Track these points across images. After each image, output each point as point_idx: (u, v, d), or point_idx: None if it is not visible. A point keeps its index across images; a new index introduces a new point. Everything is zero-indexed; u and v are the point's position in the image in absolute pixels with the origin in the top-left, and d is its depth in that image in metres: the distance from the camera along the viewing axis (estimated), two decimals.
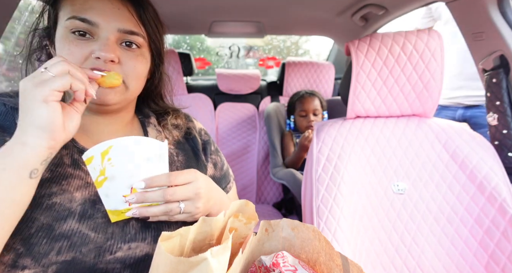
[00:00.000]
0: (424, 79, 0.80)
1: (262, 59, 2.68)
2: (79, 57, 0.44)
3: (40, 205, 0.40)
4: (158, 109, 0.61)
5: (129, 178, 0.41)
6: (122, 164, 0.40)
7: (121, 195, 0.41)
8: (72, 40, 0.44)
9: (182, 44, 2.98)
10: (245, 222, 0.39)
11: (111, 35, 0.45)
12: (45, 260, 0.38)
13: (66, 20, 0.44)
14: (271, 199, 1.72)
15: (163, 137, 0.57)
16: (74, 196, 0.42)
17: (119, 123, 0.53)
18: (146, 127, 0.58)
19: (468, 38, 0.92)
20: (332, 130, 0.84)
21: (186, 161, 0.57)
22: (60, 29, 0.45)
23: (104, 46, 0.44)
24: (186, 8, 1.30)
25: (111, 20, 0.45)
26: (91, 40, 0.45)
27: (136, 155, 0.40)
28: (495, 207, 0.73)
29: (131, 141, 0.39)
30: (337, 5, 1.27)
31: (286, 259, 0.38)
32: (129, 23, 0.46)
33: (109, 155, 0.39)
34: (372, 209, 0.78)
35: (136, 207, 0.42)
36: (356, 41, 0.82)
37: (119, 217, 0.42)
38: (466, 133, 0.83)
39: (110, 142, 0.38)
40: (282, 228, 0.41)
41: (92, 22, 0.44)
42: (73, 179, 0.43)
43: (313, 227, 0.39)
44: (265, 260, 0.38)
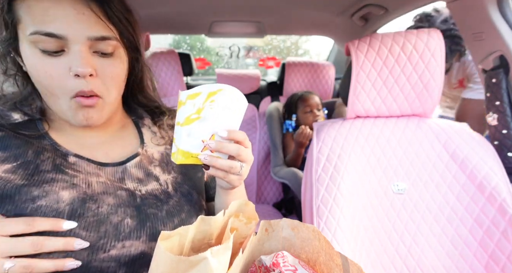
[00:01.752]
0: (424, 79, 0.80)
1: (262, 59, 2.69)
2: (58, 79, 0.41)
3: (23, 210, 0.38)
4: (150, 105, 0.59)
5: (218, 124, 0.43)
6: (219, 109, 0.42)
7: (201, 138, 0.43)
8: (43, 58, 0.40)
9: (182, 44, 2.99)
10: (246, 222, 0.39)
11: (82, 45, 0.41)
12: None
13: (29, 35, 0.39)
14: (271, 199, 1.72)
15: (158, 138, 0.57)
16: (60, 196, 0.41)
17: (105, 125, 0.52)
18: (140, 128, 0.57)
19: (468, 38, 0.92)
20: (332, 130, 0.84)
21: None
22: (25, 43, 0.41)
23: (79, 60, 0.40)
24: (186, 8, 1.30)
25: (79, 28, 0.40)
26: (63, 54, 0.41)
27: (232, 105, 0.42)
28: (495, 207, 0.73)
29: (235, 91, 0.42)
30: (337, 5, 1.27)
31: (286, 259, 0.38)
32: (98, 27, 0.42)
33: (214, 97, 0.41)
34: (372, 209, 0.78)
35: (208, 154, 0.43)
36: (356, 41, 0.83)
37: (187, 160, 0.43)
38: (466, 133, 0.83)
39: (221, 85, 0.41)
40: (282, 228, 0.41)
41: (58, 35, 0.39)
42: (56, 182, 0.42)
43: (313, 227, 0.39)
44: (265, 260, 0.38)
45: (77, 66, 0.40)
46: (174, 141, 0.43)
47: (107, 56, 0.44)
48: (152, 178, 0.51)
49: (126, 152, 0.52)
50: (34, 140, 0.44)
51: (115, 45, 0.44)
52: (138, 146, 0.54)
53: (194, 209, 0.52)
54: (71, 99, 0.42)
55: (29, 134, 0.44)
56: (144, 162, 0.52)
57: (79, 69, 0.40)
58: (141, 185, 0.49)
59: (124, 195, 0.46)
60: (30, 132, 0.45)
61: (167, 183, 0.52)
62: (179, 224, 0.48)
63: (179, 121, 0.42)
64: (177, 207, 0.50)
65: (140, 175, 0.50)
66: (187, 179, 0.56)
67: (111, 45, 0.44)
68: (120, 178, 0.48)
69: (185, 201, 0.52)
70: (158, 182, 0.51)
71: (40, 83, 0.42)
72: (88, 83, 0.42)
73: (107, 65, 0.44)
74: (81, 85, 0.41)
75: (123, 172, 0.49)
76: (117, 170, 0.48)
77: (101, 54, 0.44)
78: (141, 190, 0.48)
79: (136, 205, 0.46)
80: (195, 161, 0.44)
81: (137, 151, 0.52)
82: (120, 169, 0.49)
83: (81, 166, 0.45)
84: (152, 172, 0.51)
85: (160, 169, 0.53)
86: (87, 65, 0.41)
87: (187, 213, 0.50)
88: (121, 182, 0.48)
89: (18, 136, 0.44)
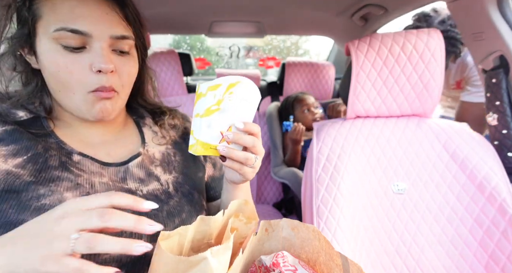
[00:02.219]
0: (424, 79, 0.80)
1: (262, 59, 2.69)
2: (79, 74, 0.42)
3: (28, 208, 0.39)
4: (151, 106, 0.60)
5: (236, 115, 0.43)
6: (237, 101, 0.43)
7: (219, 130, 0.43)
8: (64, 54, 0.41)
9: (182, 44, 2.99)
10: (246, 221, 0.39)
11: (104, 43, 0.43)
12: None
13: (53, 31, 0.40)
14: (271, 199, 1.72)
15: (159, 138, 0.57)
16: (64, 197, 0.41)
17: (110, 124, 0.52)
18: (141, 127, 0.57)
19: (468, 38, 0.92)
20: (332, 130, 0.84)
21: (183, 161, 0.57)
22: (45, 40, 0.42)
23: (102, 57, 0.42)
24: (186, 8, 1.30)
25: (102, 27, 0.43)
26: (84, 50, 0.43)
27: (249, 97, 0.43)
28: (495, 207, 0.73)
29: (252, 84, 0.43)
30: (337, 5, 1.27)
31: (286, 259, 0.38)
32: (120, 27, 0.45)
33: (233, 88, 0.42)
34: (372, 209, 0.78)
35: (225, 146, 0.44)
36: (356, 41, 0.83)
37: (206, 151, 0.44)
38: (466, 133, 0.83)
39: (239, 77, 0.42)
40: (282, 228, 0.42)
41: (84, 32, 0.41)
42: (61, 181, 0.42)
43: (313, 227, 0.39)
44: (265, 260, 0.38)
45: (100, 63, 0.42)
46: (192, 133, 0.44)
47: (124, 55, 0.47)
48: (153, 178, 0.51)
49: (128, 152, 0.52)
50: (40, 138, 0.45)
51: (131, 45, 0.47)
52: (140, 146, 0.54)
53: (194, 210, 0.52)
54: (88, 93, 0.43)
55: (35, 132, 0.45)
56: (145, 162, 0.52)
57: (102, 65, 0.42)
58: (142, 185, 0.49)
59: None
60: (36, 130, 0.45)
61: (168, 183, 0.52)
62: (179, 224, 0.48)
63: (198, 113, 0.43)
64: (177, 207, 0.50)
65: (141, 175, 0.50)
66: (188, 179, 0.55)
67: (128, 45, 0.46)
68: (122, 177, 0.48)
69: (186, 201, 0.52)
70: (159, 182, 0.51)
71: (57, 78, 0.42)
72: (108, 79, 0.44)
73: (124, 63, 0.46)
74: (102, 81, 0.43)
75: (125, 172, 0.49)
76: (119, 170, 0.49)
77: (119, 52, 0.46)
78: (142, 190, 0.49)
79: None
80: (214, 152, 0.44)
81: (138, 151, 0.53)
82: (122, 169, 0.49)
83: (85, 165, 0.46)
84: (153, 172, 0.52)
85: (161, 169, 0.53)
86: (110, 62, 0.43)
87: (187, 213, 0.50)
88: (123, 182, 0.48)
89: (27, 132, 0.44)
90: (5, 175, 0.39)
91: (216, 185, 0.63)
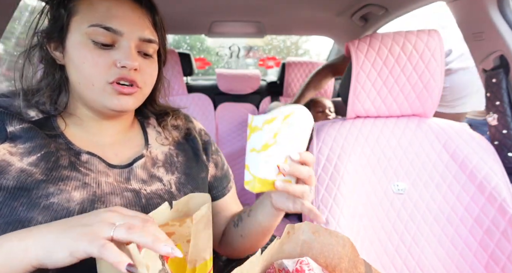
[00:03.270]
0: (424, 79, 0.80)
1: (262, 59, 2.69)
2: (103, 67, 0.44)
3: (37, 206, 0.39)
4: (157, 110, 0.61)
5: (291, 146, 0.42)
6: (293, 132, 0.41)
7: (276, 163, 0.42)
8: (93, 49, 0.44)
9: (182, 44, 2.99)
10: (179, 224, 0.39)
11: (132, 43, 0.45)
12: None
13: (88, 26, 0.43)
14: None
15: (163, 138, 0.57)
16: (72, 196, 0.42)
17: (121, 125, 0.53)
18: (145, 128, 0.58)
19: (468, 38, 0.92)
20: (332, 130, 0.84)
21: (186, 161, 0.57)
22: (77, 34, 0.44)
23: (129, 55, 0.44)
24: (186, 8, 1.30)
25: (134, 29, 0.46)
26: (112, 48, 0.45)
27: (304, 125, 0.42)
28: (495, 207, 0.73)
29: (306, 112, 0.42)
30: (337, 5, 1.27)
31: (311, 266, 0.38)
32: (148, 31, 0.48)
33: (289, 119, 0.41)
34: (372, 209, 0.78)
35: (281, 180, 0.42)
36: (356, 41, 0.83)
37: (264, 187, 0.42)
38: (466, 133, 0.83)
39: (293, 107, 0.41)
40: (302, 231, 0.41)
41: (116, 31, 0.44)
42: (70, 180, 0.43)
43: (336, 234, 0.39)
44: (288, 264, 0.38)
45: (126, 59, 0.44)
46: (248, 169, 0.42)
47: (148, 58, 0.49)
48: (156, 179, 0.51)
49: (133, 153, 0.53)
50: (51, 138, 0.46)
51: (155, 49, 0.50)
52: (143, 147, 0.54)
53: None
54: (108, 84, 0.44)
55: (46, 132, 0.45)
56: (148, 164, 0.52)
57: (128, 62, 0.44)
58: (145, 185, 0.50)
59: (130, 196, 0.47)
60: (46, 130, 0.46)
61: (170, 184, 0.52)
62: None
63: (254, 148, 0.41)
64: None
65: (144, 176, 0.51)
66: (190, 179, 0.56)
67: (153, 48, 0.49)
68: (126, 178, 0.49)
69: None
70: (161, 183, 0.52)
71: (80, 70, 0.44)
72: (130, 74, 0.45)
73: (147, 65, 0.49)
74: (124, 73, 0.44)
75: (129, 172, 0.50)
76: (123, 171, 0.49)
77: (144, 54, 0.48)
78: (146, 190, 0.49)
79: (142, 205, 0.47)
80: (271, 187, 0.42)
81: (142, 152, 0.53)
82: (127, 170, 0.50)
83: (93, 164, 0.47)
84: (155, 174, 0.52)
85: (163, 169, 0.53)
86: (135, 60, 0.45)
87: None
88: (127, 182, 0.48)
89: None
90: (19, 172, 0.40)
91: (218, 185, 0.63)
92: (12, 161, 0.40)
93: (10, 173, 0.40)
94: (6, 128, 0.42)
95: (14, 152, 0.41)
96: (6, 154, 0.41)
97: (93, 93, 0.45)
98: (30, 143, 0.43)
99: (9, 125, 0.43)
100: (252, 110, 1.81)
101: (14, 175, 0.40)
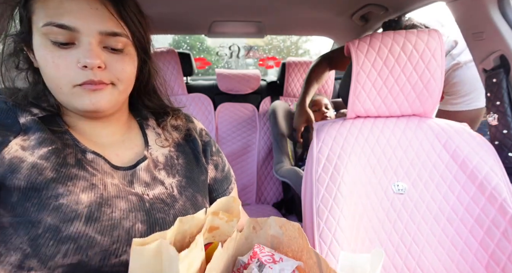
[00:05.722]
0: (424, 79, 0.80)
1: (262, 59, 2.68)
2: (66, 69, 0.41)
3: (47, 206, 0.39)
4: (155, 108, 0.59)
5: None
6: None
7: None
8: (52, 49, 0.41)
9: (182, 44, 2.98)
10: (227, 220, 0.38)
11: (92, 39, 0.42)
12: (51, 262, 0.38)
13: (42, 26, 0.40)
14: (271, 199, 1.72)
15: (162, 140, 0.56)
16: (80, 198, 0.41)
17: (115, 125, 0.52)
18: (144, 129, 0.57)
19: (468, 38, 0.92)
20: (332, 130, 0.84)
21: (186, 164, 0.56)
22: (36, 35, 0.42)
23: (88, 52, 0.41)
24: (186, 8, 1.30)
25: (91, 22, 0.42)
26: (73, 47, 0.42)
27: None
28: (495, 207, 0.73)
29: None
30: (337, 5, 1.27)
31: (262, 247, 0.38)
32: (110, 23, 0.43)
33: None
34: (372, 209, 0.78)
35: None
36: (356, 41, 0.82)
37: None
38: (466, 133, 0.83)
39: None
40: (270, 226, 0.41)
41: (71, 28, 0.40)
42: (78, 180, 0.42)
43: (298, 225, 0.39)
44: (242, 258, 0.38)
45: (86, 58, 0.41)
46: None
47: (117, 52, 0.45)
48: (158, 182, 0.51)
49: (134, 155, 0.52)
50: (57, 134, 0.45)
51: (125, 43, 0.45)
52: (144, 149, 0.53)
53: None
54: (74, 87, 0.42)
55: (53, 128, 0.45)
56: (150, 166, 0.51)
57: (87, 60, 0.41)
58: (148, 189, 0.49)
59: (134, 200, 0.46)
60: (52, 126, 0.45)
61: (172, 187, 0.52)
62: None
63: None
64: (182, 211, 0.50)
65: (147, 179, 0.50)
66: (191, 182, 0.55)
67: (121, 42, 0.45)
68: (130, 181, 0.48)
69: (190, 204, 0.52)
70: (163, 186, 0.51)
71: (47, 74, 0.42)
72: (95, 74, 0.42)
73: (117, 60, 0.45)
74: (89, 75, 0.42)
75: (132, 176, 0.49)
76: (127, 174, 0.49)
77: (111, 49, 0.44)
78: (149, 194, 0.48)
79: (146, 210, 0.46)
80: None
81: (144, 154, 0.52)
82: (130, 173, 0.49)
83: (99, 164, 0.46)
84: (157, 176, 0.51)
85: (165, 172, 0.53)
86: (96, 57, 0.41)
87: None
88: (130, 185, 0.48)
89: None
90: (30, 169, 0.39)
91: (218, 187, 0.63)
92: (24, 157, 0.40)
93: (22, 172, 0.39)
94: (19, 120, 0.42)
95: (27, 146, 0.41)
96: (19, 150, 0.40)
97: (64, 96, 0.43)
98: (41, 134, 0.42)
99: (21, 117, 0.43)
100: (252, 110, 1.81)
101: (26, 173, 0.39)
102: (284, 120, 1.61)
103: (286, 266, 0.36)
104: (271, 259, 0.37)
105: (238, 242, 0.40)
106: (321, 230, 0.72)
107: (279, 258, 0.37)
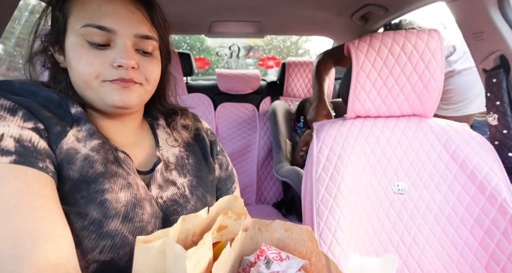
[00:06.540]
0: (424, 79, 0.80)
1: (262, 59, 2.68)
2: (99, 67, 0.43)
3: (94, 200, 0.40)
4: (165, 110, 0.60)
5: None
6: None
7: None
8: (89, 49, 0.43)
9: (182, 44, 2.98)
10: (235, 218, 0.39)
11: (128, 40, 0.44)
12: (90, 256, 0.38)
13: (80, 27, 0.42)
14: (271, 199, 1.72)
15: (172, 140, 0.56)
16: (119, 197, 0.42)
17: (132, 125, 0.52)
18: (155, 129, 0.57)
19: (468, 38, 0.92)
20: (332, 130, 0.84)
21: (196, 163, 0.56)
22: (72, 36, 0.43)
23: (124, 53, 0.43)
24: (186, 8, 1.30)
25: (128, 25, 0.44)
26: (108, 48, 0.44)
27: None
28: (495, 207, 0.73)
29: None
30: (336, 5, 1.27)
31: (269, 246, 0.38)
32: (144, 27, 0.46)
33: None
34: (372, 209, 0.78)
35: None
36: (356, 41, 0.82)
37: None
38: (466, 133, 0.83)
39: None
40: (275, 229, 0.41)
41: (109, 29, 0.43)
42: (117, 177, 0.43)
43: (306, 228, 0.39)
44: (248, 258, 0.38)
45: (122, 58, 0.43)
46: None
47: (147, 55, 0.47)
48: (170, 183, 0.51)
49: (147, 155, 0.52)
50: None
51: (154, 46, 0.48)
52: (155, 149, 0.53)
53: None
54: (104, 82, 0.43)
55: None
56: (163, 167, 0.52)
57: (123, 61, 0.43)
58: (161, 191, 0.49)
59: (154, 204, 0.47)
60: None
61: (184, 187, 0.52)
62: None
63: None
64: (194, 212, 0.49)
65: (160, 181, 0.50)
66: (201, 182, 0.55)
67: (151, 45, 0.47)
68: (148, 184, 0.48)
69: (201, 205, 0.52)
70: (176, 186, 0.51)
71: (78, 71, 0.43)
72: (128, 73, 0.44)
73: (147, 63, 0.47)
74: (122, 74, 0.43)
75: (150, 178, 0.49)
76: (146, 177, 0.49)
77: (142, 52, 0.47)
78: (162, 197, 0.49)
79: (163, 215, 0.47)
80: None
81: (156, 155, 0.52)
82: (148, 176, 0.49)
83: (130, 164, 0.47)
84: (169, 178, 0.51)
85: (176, 172, 0.53)
86: (131, 58, 0.43)
87: None
88: (148, 188, 0.48)
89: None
90: (83, 161, 0.41)
91: (222, 186, 0.63)
92: (79, 148, 0.41)
93: (76, 163, 0.40)
94: (71, 111, 0.43)
95: (80, 137, 0.42)
96: (74, 141, 0.41)
97: (93, 92, 0.44)
98: (90, 125, 0.43)
99: (72, 107, 0.44)
100: (252, 110, 1.81)
101: (79, 165, 0.40)
102: (284, 120, 1.61)
103: (293, 264, 0.36)
104: (278, 256, 0.37)
105: (244, 242, 0.40)
106: (321, 230, 0.72)
107: (285, 256, 0.37)
